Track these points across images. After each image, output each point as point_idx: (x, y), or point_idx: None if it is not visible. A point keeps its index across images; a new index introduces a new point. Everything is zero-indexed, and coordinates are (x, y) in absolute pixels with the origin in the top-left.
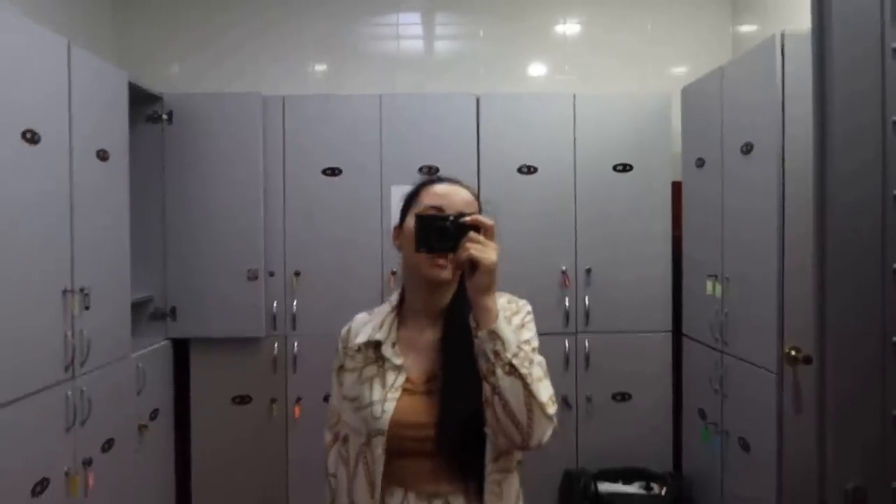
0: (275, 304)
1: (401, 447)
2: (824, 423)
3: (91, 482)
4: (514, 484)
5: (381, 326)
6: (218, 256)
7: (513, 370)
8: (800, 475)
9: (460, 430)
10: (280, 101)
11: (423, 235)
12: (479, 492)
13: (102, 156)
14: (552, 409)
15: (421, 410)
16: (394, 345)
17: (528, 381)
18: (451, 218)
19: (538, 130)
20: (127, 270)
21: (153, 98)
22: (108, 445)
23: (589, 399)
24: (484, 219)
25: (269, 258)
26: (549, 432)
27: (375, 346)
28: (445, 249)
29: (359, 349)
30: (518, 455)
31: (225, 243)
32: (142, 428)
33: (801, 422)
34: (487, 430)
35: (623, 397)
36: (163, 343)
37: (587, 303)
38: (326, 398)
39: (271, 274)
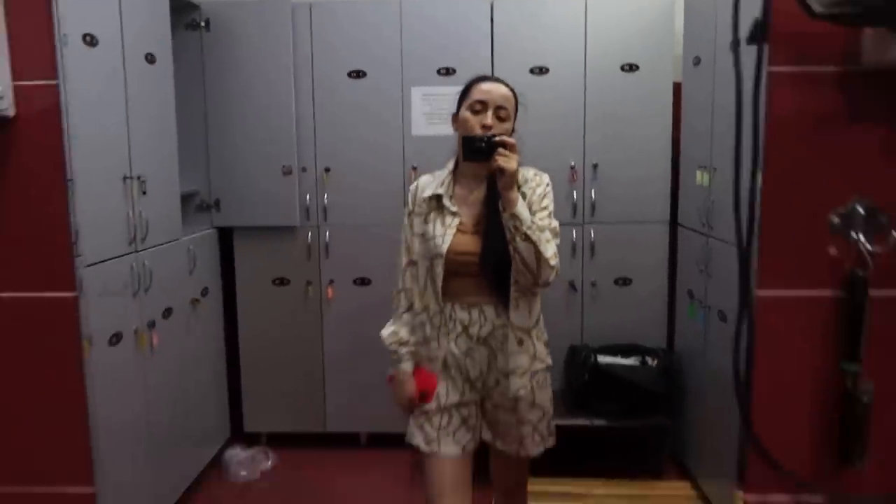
0: (307, 197)
1: (454, 269)
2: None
3: (156, 341)
4: (533, 304)
5: (441, 184)
6: (256, 154)
7: (527, 238)
8: None
9: (496, 259)
10: (307, 8)
11: (466, 150)
12: (503, 304)
13: (150, 59)
14: (554, 261)
15: (469, 244)
16: (451, 197)
17: (538, 244)
18: (486, 138)
19: (550, 32)
20: (175, 163)
21: (191, 6)
22: (167, 313)
23: (594, 284)
24: (508, 139)
25: (302, 155)
26: (552, 276)
27: (437, 198)
28: (482, 160)
29: (425, 200)
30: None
31: (262, 142)
32: (195, 301)
33: None
34: (512, 273)
35: (624, 282)
36: (209, 231)
37: (593, 196)
38: (354, 281)
39: (304, 170)
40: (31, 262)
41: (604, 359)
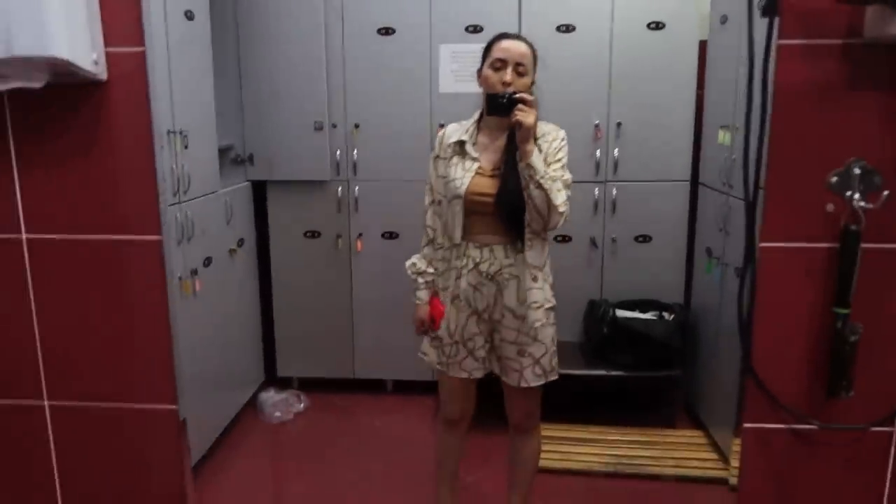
0: (338, 153)
1: (471, 208)
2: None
3: (198, 287)
4: (543, 247)
5: (466, 132)
6: (288, 110)
7: (539, 186)
8: None
9: (510, 201)
10: None
11: (490, 106)
12: (513, 245)
13: (189, 15)
14: (563, 208)
15: (487, 186)
16: (473, 144)
17: (549, 193)
18: (507, 95)
19: None
20: (213, 118)
21: None
22: (207, 262)
23: (614, 240)
24: (528, 97)
25: (332, 111)
26: (560, 221)
27: (461, 143)
28: (503, 115)
29: (450, 146)
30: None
31: (294, 98)
32: (232, 252)
33: None
34: (526, 216)
35: (644, 239)
36: (244, 184)
37: (616, 154)
38: (383, 234)
39: (334, 126)
40: (122, 208)
41: (622, 313)
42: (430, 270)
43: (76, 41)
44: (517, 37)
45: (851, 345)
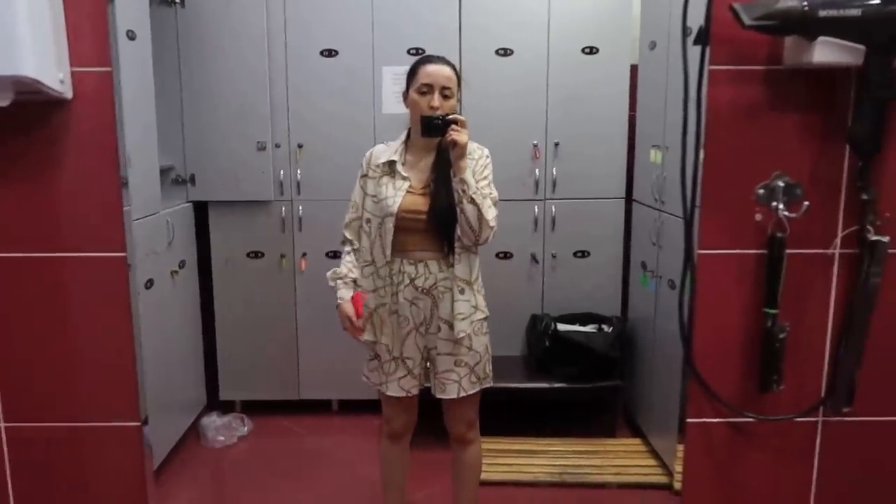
0: (281, 173)
1: (403, 225)
2: None
3: (140, 310)
4: (473, 261)
5: (395, 152)
6: (230, 130)
7: (472, 200)
8: None
9: (442, 216)
10: None
11: (424, 128)
12: (446, 259)
13: (131, 36)
14: (493, 223)
15: (419, 203)
16: (403, 164)
17: (481, 207)
18: (441, 117)
19: (515, 16)
20: (154, 138)
21: None
22: (149, 283)
23: (554, 256)
24: (460, 117)
25: (276, 131)
26: (490, 236)
27: (391, 163)
28: (439, 135)
29: (379, 166)
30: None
31: (236, 118)
32: (173, 273)
33: None
34: (457, 231)
35: (583, 254)
36: (185, 205)
37: (555, 173)
38: (327, 254)
39: (277, 146)
40: (86, 225)
41: (563, 326)
42: (352, 275)
43: (43, 61)
44: (441, 60)
45: (780, 342)
